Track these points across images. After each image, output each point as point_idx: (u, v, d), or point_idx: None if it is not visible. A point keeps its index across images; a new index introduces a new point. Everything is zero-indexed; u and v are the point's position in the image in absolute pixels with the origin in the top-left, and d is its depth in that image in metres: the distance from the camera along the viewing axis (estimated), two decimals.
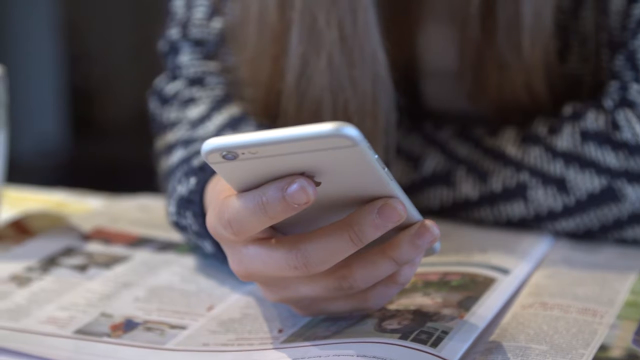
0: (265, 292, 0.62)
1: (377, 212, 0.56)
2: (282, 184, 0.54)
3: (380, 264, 0.58)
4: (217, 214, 0.58)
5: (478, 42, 0.80)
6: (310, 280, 0.59)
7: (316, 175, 0.55)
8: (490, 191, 0.80)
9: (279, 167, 0.54)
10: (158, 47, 0.92)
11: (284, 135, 0.52)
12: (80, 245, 0.80)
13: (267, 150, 0.52)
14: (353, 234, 0.56)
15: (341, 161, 0.53)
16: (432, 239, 0.58)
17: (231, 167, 0.54)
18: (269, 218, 0.55)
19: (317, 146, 0.52)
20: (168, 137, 0.84)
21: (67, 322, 0.66)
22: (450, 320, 0.62)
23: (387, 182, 0.55)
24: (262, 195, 0.55)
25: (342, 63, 0.76)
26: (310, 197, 0.54)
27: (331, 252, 0.56)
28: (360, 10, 0.75)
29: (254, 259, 0.58)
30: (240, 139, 0.52)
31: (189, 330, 0.65)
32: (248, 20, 0.79)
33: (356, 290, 0.59)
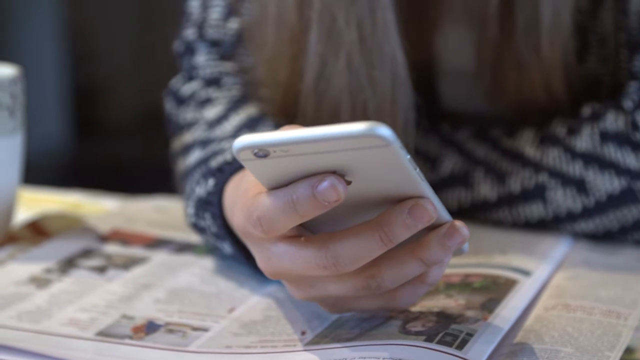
0: (292, 290, 0.62)
1: (408, 212, 0.55)
2: (313, 181, 0.54)
3: (408, 264, 0.58)
4: (246, 212, 0.57)
5: (496, 42, 0.80)
6: (338, 279, 0.59)
7: (347, 174, 0.54)
8: (508, 192, 0.80)
9: (310, 165, 0.54)
10: (173, 48, 0.91)
11: (316, 134, 0.51)
12: (98, 247, 0.79)
13: (299, 149, 0.52)
14: (383, 234, 0.56)
15: (373, 161, 0.53)
16: (461, 240, 0.58)
17: (262, 164, 0.54)
18: (299, 216, 0.55)
19: (349, 145, 0.52)
20: (185, 138, 0.83)
21: (89, 324, 0.65)
22: (474, 322, 0.62)
23: (418, 182, 0.55)
24: (292, 193, 0.54)
25: (361, 63, 0.75)
26: (340, 195, 0.54)
27: (361, 252, 0.56)
28: (379, 10, 0.75)
29: (282, 257, 0.58)
30: (273, 137, 0.52)
31: (211, 332, 0.64)
32: (266, 20, 0.79)
33: (384, 290, 0.59)
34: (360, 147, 0.52)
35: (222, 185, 0.71)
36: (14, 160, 0.80)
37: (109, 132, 3.75)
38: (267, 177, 0.55)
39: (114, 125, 3.77)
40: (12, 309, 0.68)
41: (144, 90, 3.76)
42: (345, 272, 0.57)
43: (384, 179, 0.55)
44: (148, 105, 3.73)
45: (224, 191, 0.71)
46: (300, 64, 0.77)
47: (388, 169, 0.54)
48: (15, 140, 0.79)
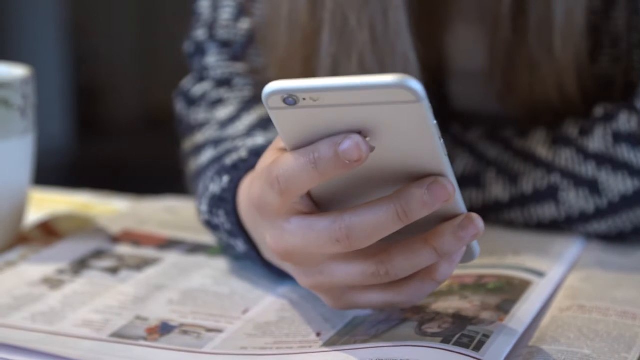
0: (299, 276, 0.61)
1: (427, 189, 0.55)
2: (336, 139, 0.54)
3: (420, 252, 0.57)
4: (265, 174, 0.57)
5: (509, 42, 0.80)
6: (348, 261, 0.58)
7: (371, 137, 0.54)
8: (520, 193, 0.80)
9: (335, 121, 0.54)
10: (183, 48, 0.91)
11: (348, 82, 0.51)
12: (110, 248, 0.79)
13: (328, 98, 0.52)
14: (400, 209, 0.55)
15: (399, 120, 0.53)
16: (475, 233, 0.57)
17: (289, 114, 0.54)
18: (319, 174, 0.54)
19: (378, 98, 0.52)
20: (196, 138, 0.83)
21: (103, 325, 0.65)
22: (490, 323, 0.61)
23: (440, 155, 0.55)
24: (314, 151, 0.54)
25: (373, 63, 0.75)
26: (362, 155, 0.53)
27: (375, 226, 0.55)
28: (391, 11, 0.75)
29: (295, 233, 0.57)
30: (304, 83, 0.52)
31: (226, 333, 0.64)
32: (278, 21, 0.78)
33: (392, 278, 0.58)
34: (390, 102, 0.52)
35: (236, 182, 0.71)
36: (25, 160, 0.79)
37: (111, 131, 3.75)
38: (292, 132, 0.55)
39: (115, 124, 3.77)
40: (26, 310, 0.67)
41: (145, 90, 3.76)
42: (358, 247, 0.56)
43: (407, 145, 0.54)
44: (150, 105, 3.74)
45: (239, 188, 0.71)
46: (313, 64, 0.77)
47: (413, 132, 0.53)
48: (26, 141, 0.79)
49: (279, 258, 0.60)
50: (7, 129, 0.77)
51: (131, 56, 3.83)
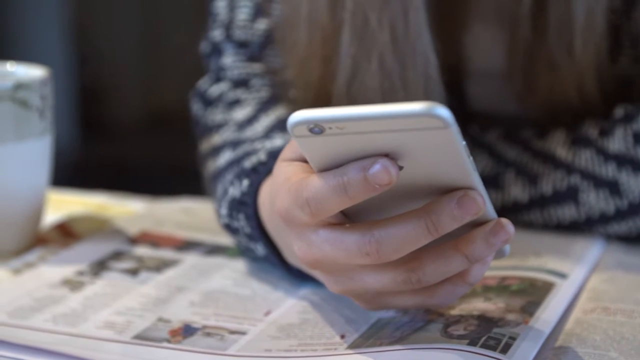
0: (329, 283, 0.61)
1: (456, 203, 0.55)
2: (365, 163, 0.53)
3: (451, 259, 0.57)
4: (293, 194, 0.56)
5: (528, 42, 0.79)
6: (378, 270, 0.58)
7: (399, 158, 0.54)
8: (540, 194, 0.79)
9: (362, 146, 0.53)
10: (200, 49, 0.91)
11: (374, 111, 0.51)
12: (129, 249, 0.79)
13: (355, 126, 0.52)
14: (430, 223, 0.55)
15: (427, 144, 0.53)
16: (506, 238, 0.57)
17: (315, 142, 0.53)
18: (349, 198, 0.54)
19: (406, 125, 0.51)
20: (214, 139, 0.83)
21: (125, 327, 0.65)
22: (516, 325, 0.61)
23: (470, 171, 0.55)
24: (343, 175, 0.54)
25: (394, 64, 0.75)
26: (392, 178, 0.53)
27: (405, 240, 0.55)
28: (411, 11, 0.75)
29: (324, 244, 0.57)
30: (330, 113, 0.52)
31: (249, 335, 0.64)
32: (298, 21, 0.78)
33: (424, 284, 0.58)
34: (417, 128, 0.51)
35: (256, 185, 0.71)
36: (43, 161, 0.79)
37: (114, 132, 3.74)
38: (318, 157, 0.55)
39: (119, 125, 3.76)
40: (47, 312, 0.67)
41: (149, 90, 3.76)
42: (388, 260, 0.56)
43: (436, 165, 0.54)
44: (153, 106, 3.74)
45: (259, 191, 0.70)
46: (333, 65, 0.76)
47: (441, 154, 0.53)
48: (44, 142, 0.79)
49: (307, 267, 0.60)
50: (25, 130, 0.76)
51: (134, 57, 3.82)
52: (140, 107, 3.80)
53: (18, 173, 0.77)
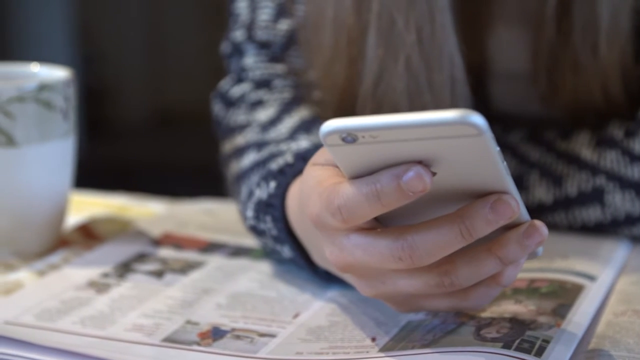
0: (361, 286, 0.61)
1: (490, 207, 0.55)
2: (398, 171, 0.53)
3: (485, 262, 0.57)
4: (325, 200, 0.56)
5: (553, 43, 0.79)
6: (411, 274, 0.58)
7: (432, 164, 0.54)
8: (565, 195, 0.79)
9: (395, 153, 0.53)
10: (220, 49, 0.91)
11: (407, 120, 0.51)
12: (153, 251, 0.79)
13: (388, 135, 0.51)
14: (464, 228, 0.55)
15: (461, 151, 0.52)
16: (540, 240, 0.57)
17: (348, 151, 0.53)
18: (382, 205, 0.54)
19: (439, 133, 0.51)
20: (237, 140, 0.83)
21: (154, 330, 0.65)
22: (549, 328, 0.61)
23: (504, 176, 0.54)
24: (376, 182, 0.54)
25: (420, 66, 0.75)
26: (426, 186, 0.53)
27: (439, 245, 0.55)
28: (437, 13, 0.74)
29: (356, 249, 0.57)
30: (363, 122, 0.51)
31: (279, 338, 0.64)
32: (323, 23, 0.78)
33: (457, 287, 0.58)
34: (451, 136, 0.51)
35: (284, 187, 0.70)
36: (67, 163, 0.79)
37: (119, 132, 3.74)
38: (351, 165, 0.55)
39: (124, 125, 3.76)
40: (75, 315, 0.67)
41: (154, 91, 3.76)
42: (421, 265, 0.56)
43: (469, 170, 0.54)
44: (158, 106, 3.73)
45: (287, 193, 0.70)
46: (358, 67, 0.76)
47: (475, 160, 0.53)
48: (68, 143, 0.78)
49: (339, 271, 0.60)
50: (49, 131, 0.76)
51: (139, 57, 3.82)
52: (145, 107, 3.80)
53: (42, 174, 0.77)
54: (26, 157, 0.75)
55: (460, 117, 0.50)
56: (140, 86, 3.80)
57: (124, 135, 3.72)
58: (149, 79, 3.82)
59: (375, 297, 0.61)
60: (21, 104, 0.74)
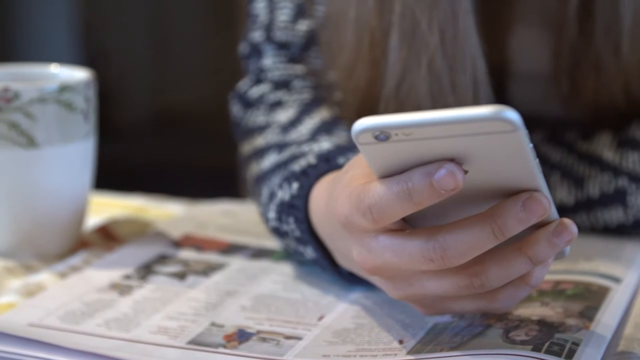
0: (388, 288, 0.61)
1: (522, 205, 0.54)
2: (430, 169, 0.53)
3: (515, 262, 0.57)
4: (354, 200, 0.56)
5: (575, 44, 0.79)
6: (440, 276, 0.57)
7: (464, 162, 0.53)
8: (587, 197, 0.79)
9: (427, 151, 0.53)
10: (238, 50, 0.90)
11: (442, 116, 0.50)
12: (173, 253, 0.78)
13: (421, 132, 0.51)
14: (496, 227, 0.54)
15: (494, 147, 0.52)
16: (569, 238, 0.57)
17: (379, 149, 0.53)
18: (413, 204, 0.54)
19: (473, 130, 0.51)
20: (257, 141, 0.82)
21: (179, 332, 0.64)
22: (577, 331, 0.61)
23: (536, 173, 0.54)
24: (407, 181, 0.53)
25: (443, 68, 0.74)
26: (458, 183, 0.53)
27: (471, 245, 0.55)
28: (460, 14, 0.74)
29: (384, 250, 0.56)
30: (397, 119, 0.51)
31: (305, 340, 0.63)
32: (345, 24, 0.77)
33: (487, 289, 0.58)
34: (485, 132, 0.51)
35: (307, 189, 0.70)
36: (87, 164, 0.79)
37: (122, 133, 3.73)
38: (381, 164, 0.54)
39: (127, 126, 3.76)
40: (99, 317, 0.66)
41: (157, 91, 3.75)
42: (452, 266, 0.55)
43: (501, 168, 0.54)
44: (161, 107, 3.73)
45: (310, 194, 0.70)
46: (381, 68, 0.76)
47: (507, 157, 0.53)
48: (88, 145, 0.78)
49: (366, 273, 0.60)
50: (70, 132, 0.76)
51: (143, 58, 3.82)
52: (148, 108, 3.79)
53: (63, 175, 0.76)
54: (47, 159, 0.75)
55: (495, 112, 0.50)
56: (143, 87, 3.80)
57: (126, 136, 3.71)
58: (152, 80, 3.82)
59: (402, 300, 0.61)
60: (42, 105, 0.74)
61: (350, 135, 0.77)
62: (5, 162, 0.74)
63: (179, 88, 3.57)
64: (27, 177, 0.75)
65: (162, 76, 3.75)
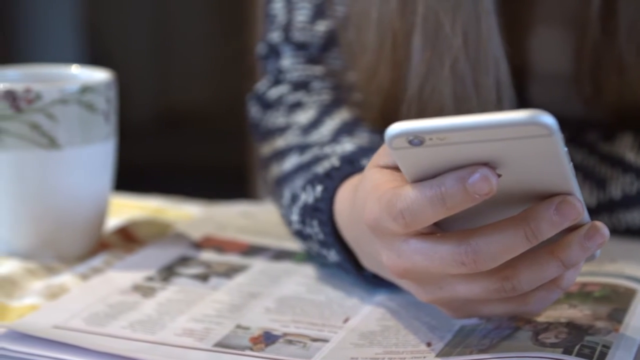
0: (417, 292, 0.60)
1: (555, 209, 0.54)
2: (463, 173, 0.52)
3: (547, 266, 0.56)
4: (385, 204, 0.55)
5: (597, 44, 0.78)
6: (471, 279, 0.57)
7: (497, 166, 0.53)
8: (609, 198, 0.78)
9: (460, 156, 0.52)
10: (256, 51, 0.90)
11: (477, 121, 0.50)
12: (195, 254, 0.78)
13: (456, 137, 0.51)
14: (529, 230, 0.54)
15: (529, 151, 0.52)
16: (601, 241, 0.56)
17: (413, 153, 0.52)
18: (447, 209, 0.53)
19: (508, 134, 0.50)
20: (277, 143, 0.82)
21: (204, 335, 0.64)
22: (607, 333, 0.60)
23: (570, 177, 0.54)
24: (440, 185, 0.53)
25: (466, 69, 0.74)
26: (493, 188, 0.52)
27: (503, 249, 0.54)
28: (483, 15, 0.74)
29: (415, 253, 0.56)
30: (432, 124, 0.51)
31: (332, 343, 0.63)
32: (367, 25, 0.77)
33: (518, 292, 0.57)
34: (520, 136, 0.51)
35: (331, 191, 0.70)
36: (107, 165, 0.78)
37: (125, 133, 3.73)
38: (414, 168, 0.54)
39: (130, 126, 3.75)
40: (123, 319, 0.66)
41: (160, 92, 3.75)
42: (484, 269, 0.55)
43: (534, 171, 0.53)
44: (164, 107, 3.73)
45: (335, 197, 0.69)
46: (403, 70, 0.75)
47: (542, 160, 0.52)
48: (109, 146, 0.78)
49: (396, 277, 0.59)
50: (91, 133, 0.76)
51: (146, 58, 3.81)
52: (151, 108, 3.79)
53: (84, 177, 0.76)
54: (68, 160, 0.75)
55: (532, 117, 0.50)
56: (146, 88, 3.80)
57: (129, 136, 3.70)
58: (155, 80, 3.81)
59: (432, 303, 0.61)
60: (64, 106, 0.74)
61: (371, 137, 0.77)
62: (26, 163, 0.74)
63: (182, 88, 3.56)
64: (48, 178, 0.75)
65: (165, 76, 3.75)
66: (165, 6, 3.79)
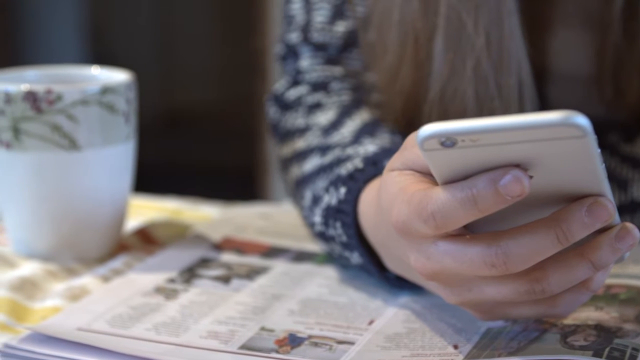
0: (446, 294, 0.60)
1: (587, 211, 0.54)
2: (495, 175, 0.52)
3: (577, 268, 0.56)
4: (415, 205, 0.55)
5: (618, 45, 0.78)
6: (500, 281, 0.57)
7: (529, 168, 0.53)
8: (630, 200, 0.78)
9: (492, 157, 0.52)
10: (274, 52, 0.90)
11: (510, 122, 0.50)
12: (215, 256, 0.78)
13: (489, 138, 0.50)
14: (560, 232, 0.54)
15: (560, 153, 0.51)
16: (632, 243, 0.56)
17: (444, 155, 0.52)
18: (478, 211, 0.53)
19: (541, 135, 0.50)
20: (297, 144, 0.82)
21: (230, 337, 0.64)
22: (636, 336, 0.60)
23: (602, 178, 0.53)
24: (472, 187, 0.52)
25: (489, 70, 0.74)
26: (525, 190, 0.52)
27: (534, 251, 0.54)
28: (505, 16, 0.73)
29: (444, 256, 0.56)
30: (465, 125, 0.50)
31: (358, 345, 0.63)
32: (388, 26, 0.76)
33: (547, 294, 0.57)
34: (553, 138, 0.50)
35: (355, 193, 0.69)
36: (127, 167, 0.78)
37: None
38: (445, 170, 0.54)
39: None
40: (147, 321, 0.66)
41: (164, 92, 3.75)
42: (515, 271, 0.55)
43: (566, 173, 0.53)
44: (169, 107, 3.73)
45: (358, 199, 0.69)
46: (425, 70, 0.75)
47: (574, 162, 0.52)
48: (129, 147, 0.77)
49: (424, 279, 0.59)
50: (111, 134, 0.75)
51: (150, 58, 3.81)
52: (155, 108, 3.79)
53: (104, 178, 0.76)
54: (89, 161, 0.74)
55: (565, 118, 0.49)
56: (151, 88, 3.79)
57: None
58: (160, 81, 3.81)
59: (460, 305, 0.60)
60: (84, 107, 0.73)
61: (393, 138, 0.77)
62: (47, 164, 0.73)
63: (187, 89, 3.56)
64: (68, 179, 0.74)
65: (169, 77, 3.75)
66: (169, 7, 3.79)
